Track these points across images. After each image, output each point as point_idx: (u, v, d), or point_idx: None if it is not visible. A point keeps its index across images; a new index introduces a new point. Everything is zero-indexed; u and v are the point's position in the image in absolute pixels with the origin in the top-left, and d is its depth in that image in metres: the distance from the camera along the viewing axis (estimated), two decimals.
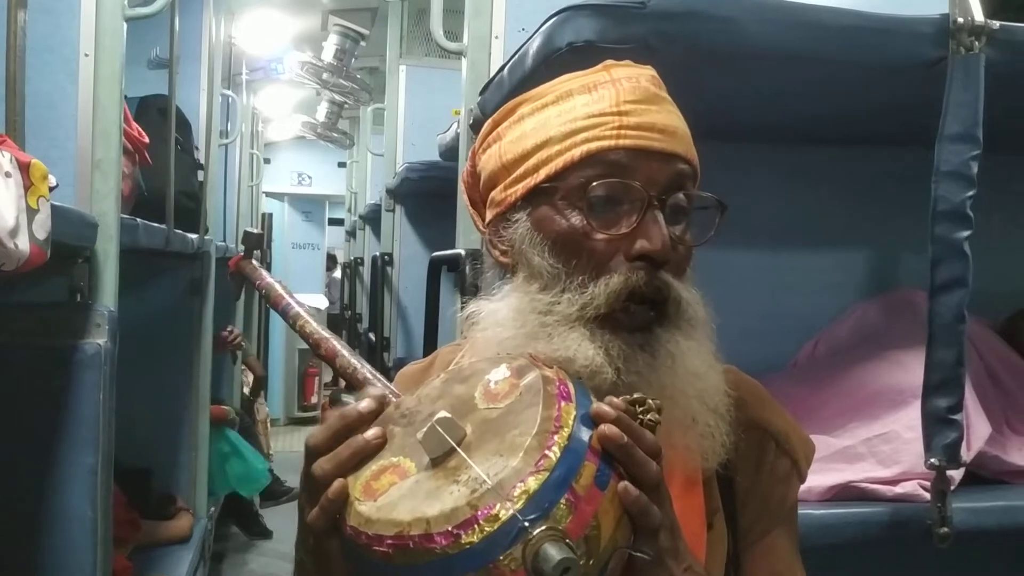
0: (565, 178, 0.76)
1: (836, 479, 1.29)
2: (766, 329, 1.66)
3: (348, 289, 6.31)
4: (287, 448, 7.12)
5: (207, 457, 3.51)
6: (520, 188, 0.78)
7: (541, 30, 1.18)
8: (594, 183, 0.74)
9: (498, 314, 0.78)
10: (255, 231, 0.87)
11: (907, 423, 1.29)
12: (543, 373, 0.64)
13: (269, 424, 6.59)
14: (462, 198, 0.94)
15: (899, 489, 1.27)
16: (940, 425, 1.17)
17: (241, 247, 0.84)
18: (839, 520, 1.25)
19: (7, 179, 0.97)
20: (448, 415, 0.62)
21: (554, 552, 0.54)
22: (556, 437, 0.58)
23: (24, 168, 1.03)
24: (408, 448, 0.63)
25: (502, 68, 1.42)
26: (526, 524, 0.55)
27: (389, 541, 0.57)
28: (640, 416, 0.64)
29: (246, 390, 5.39)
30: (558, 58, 1.14)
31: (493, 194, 0.82)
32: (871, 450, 1.31)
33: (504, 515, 0.55)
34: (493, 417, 0.63)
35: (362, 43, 4.88)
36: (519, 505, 0.55)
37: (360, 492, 0.61)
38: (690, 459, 0.77)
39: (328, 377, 8.84)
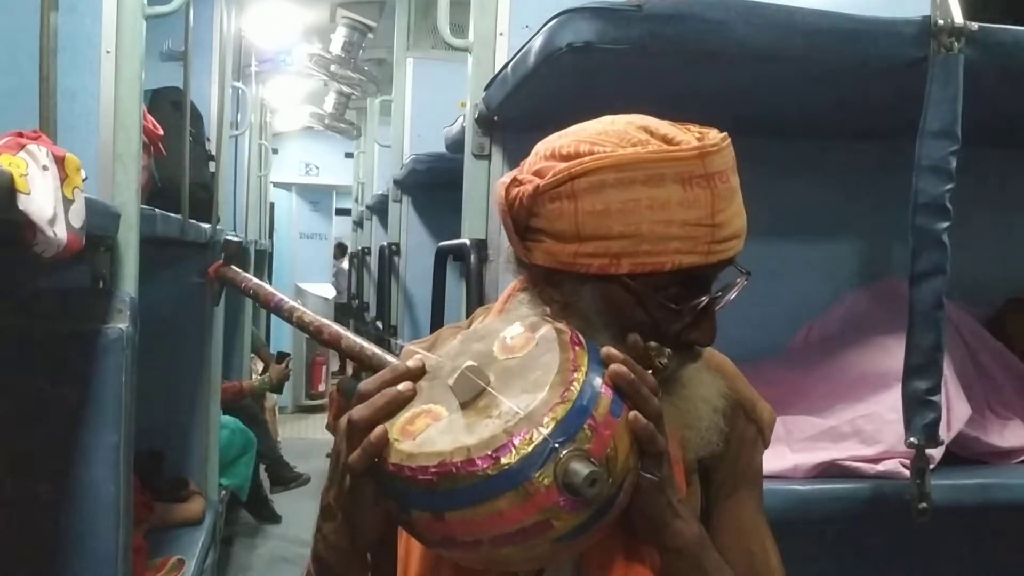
0: (648, 276, 0.78)
1: (821, 457, 1.35)
2: (759, 317, 1.71)
3: (356, 278, 6.37)
4: (295, 436, 7.21)
5: (218, 441, 3.58)
6: (596, 266, 0.78)
7: (542, 31, 1.23)
8: (673, 290, 0.79)
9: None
10: (235, 239, 0.95)
11: (890, 404, 1.34)
12: (556, 325, 0.74)
13: (277, 412, 6.68)
14: (468, 188, 0.98)
15: (881, 467, 1.33)
16: (919, 406, 1.23)
17: (221, 255, 0.90)
18: (824, 496, 1.32)
19: (44, 172, 1.04)
20: (475, 363, 0.71)
21: (582, 467, 0.64)
22: (576, 374, 0.68)
23: (59, 161, 1.10)
24: (437, 396, 0.72)
25: (506, 66, 1.48)
26: (556, 445, 0.65)
27: (433, 470, 0.66)
28: (653, 358, 0.76)
29: (255, 376, 5.45)
30: (558, 58, 1.20)
31: (556, 250, 0.79)
32: (855, 430, 1.37)
33: (537, 438, 0.65)
34: (513, 365, 0.72)
35: (370, 35, 4.95)
36: (549, 430, 0.65)
37: (398, 434, 0.70)
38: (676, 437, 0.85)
39: (335, 366, 8.90)
